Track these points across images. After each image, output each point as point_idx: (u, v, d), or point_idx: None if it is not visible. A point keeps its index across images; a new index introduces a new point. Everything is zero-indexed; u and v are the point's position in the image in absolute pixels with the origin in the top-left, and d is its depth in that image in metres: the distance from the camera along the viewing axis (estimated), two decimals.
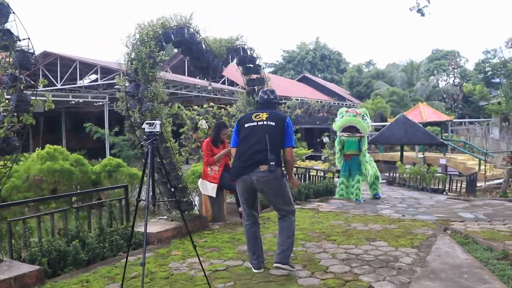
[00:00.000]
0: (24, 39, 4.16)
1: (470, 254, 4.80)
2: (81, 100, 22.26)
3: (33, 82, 4.42)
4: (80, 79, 22.26)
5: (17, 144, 4.15)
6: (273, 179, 4.22)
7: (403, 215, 7.43)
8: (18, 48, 4.14)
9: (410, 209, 8.52)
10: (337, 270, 4.41)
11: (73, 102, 23.21)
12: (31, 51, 4.15)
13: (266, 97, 4.58)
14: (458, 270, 4.31)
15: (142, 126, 3.69)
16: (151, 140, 3.55)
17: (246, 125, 4.42)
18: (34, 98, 4.17)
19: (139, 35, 5.65)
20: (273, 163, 4.13)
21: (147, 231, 5.65)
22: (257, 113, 4.48)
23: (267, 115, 4.38)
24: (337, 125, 10.26)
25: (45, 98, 5.15)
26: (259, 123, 4.35)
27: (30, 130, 24.20)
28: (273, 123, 4.31)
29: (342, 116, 10.20)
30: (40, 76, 21.31)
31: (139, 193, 3.74)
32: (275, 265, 4.31)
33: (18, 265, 4.39)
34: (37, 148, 7.46)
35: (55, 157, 6.73)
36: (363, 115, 10.13)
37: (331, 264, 4.61)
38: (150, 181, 3.64)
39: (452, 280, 4.03)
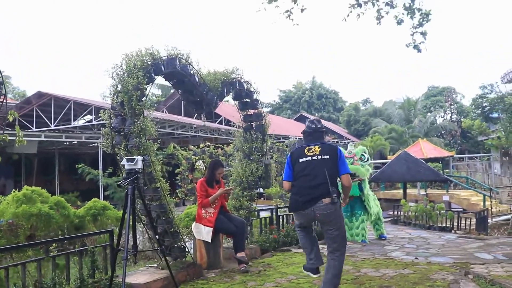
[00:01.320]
0: None
1: None
2: (75, 141, 21.80)
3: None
4: (74, 120, 21.85)
5: None
6: (334, 211, 4.34)
7: (416, 258, 6.82)
8: None
9: (420, 250, 7.92)
10: None
11: (67, 143, 22.76)
12: (0, 79, 3.69)
13: (314, 126, 4.70)
14: None
15: (122, 163, 3.16)
16: (131, 178, 3.01)
17: (300, 160, 4.52)
18: (1, 133, 3.64)
19: (125, 66, 5.23)
20: (335, 195, 4.30)
21: (134, 281, 5.09)
22: (309, 147, 4.56)
23: (319, 148, 4.50)
24: None
25: (39, 139, 4.63)
26: (313, 157, 4.47)
27: (23, 171, 23.80)
28: (327, 156, 4.45)
29: None
30: (34, 117, 21.04)
31: (118, 240, 3.19)
32: None
33: None
34: (13, 190, 6.88)
35: (32, 199, 6.17)
36: (362, 154, 9.53)
37: None
38: (131, 226, 3.08)
39: None
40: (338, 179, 4.57)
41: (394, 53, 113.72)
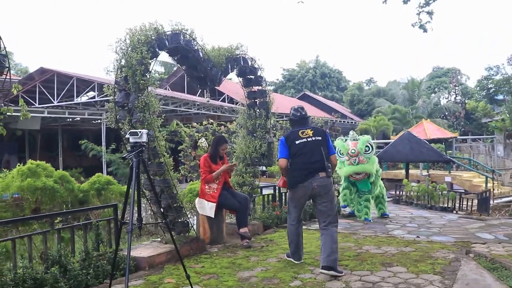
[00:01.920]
0: None
1: (504, 283, 4.23)
2: (78, 118, 21.80)
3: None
4: (77, 96, 21.79)
5: None
6: (329, 184, 4.93)
7: (418, 236, 6.85)
8: None
9: (421, 229, 7.94)
10: None
11: (70, 119, 22.75)
12: (4, 52, 3.65)
13: (299, 114, 5.23)
14: None
15: (127, 136, 3.15)
16: (136, 151, 3.00)
17: (297, 142, 5.02)
18: (5, 105, 3.62)
19: (129, 40, 5.17)
20: (330, 170, 4.94)
21: (138, 255, 5.16)
22: (302, 130, 5.10)
23: (312, 131, 5.07)
24: (342, 173, 9.23)
25: (42, 115, 4.62)
26: (308, 139, 5.02)
27: (27, 147, 23.88)
28: (319, 138, 5.03)
29: (342, 153, 9.08)
30: (37, 93, 21.00)
31: (123, 213, 3.20)
32: (321, 270, 4.67)
33: None
34: (18, 164, 6.89)
35: (37, 173, 6.18)
36: (366, 146, 9.00)
37: None
38: (136, 199, 3.09)
39: None
40: None
41: (399, 33, 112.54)
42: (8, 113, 3.65)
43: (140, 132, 3.06)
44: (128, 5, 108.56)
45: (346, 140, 9.29)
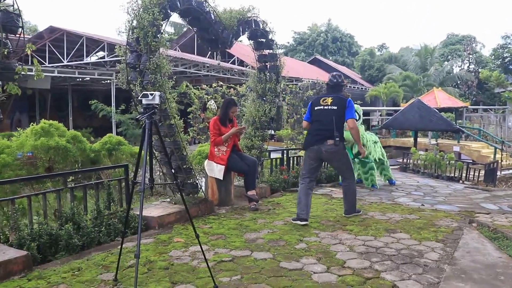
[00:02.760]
0: None
1: (504, 252, 4.32)
2: (88, 77, 21.81)
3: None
4: (87, 56, 21.72)
5: (1, 116, 3.69)
6: (337, 151, 5.41)
7: (423, 205, 6.94)
8: (1, 8, 3.65)
9: (427, 197, 8.03)
10: (355, 265, 3.96)
11: (79, 79, 22.77)
12: (17, 11, 3.66)
13: (335, 80, 5.65)
14: (492, 270, 3.83)
15: (139, 97, 3.19)
16: (148, 113, 3.06)
17: (316, 108, 5.56)
18: (20, 65, 3.66)
19: (141, 1, 5.13)
20: (338, 138, 5.32)
21: (148, 214, 5.30)
22: (324, 98, 5.56)
23: (331, 100, 5.47)
24: None
25: (52, 74, 4.65)
26: (325, 107, 5.47)
27: (37, 107, 24.05)
28: (335, 107, 5.41)
29: None
30: (47, 53, 20.96)
31: (135, 174, 3.29)
32: (344, 215, 5.75)
33: (5, 249, 3.98)
34: (31, 124, 7.00)
35: (50, 133, 6.27)
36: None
37: (348, 258, 4.16)
38: (148, 160, 3.16)
39: (487, 282, 3.56)
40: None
41: None
42: (22, 72, 3.69)
43: (152, 94, 3.10)
44: None
45: None
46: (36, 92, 23.16)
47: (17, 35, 3.80)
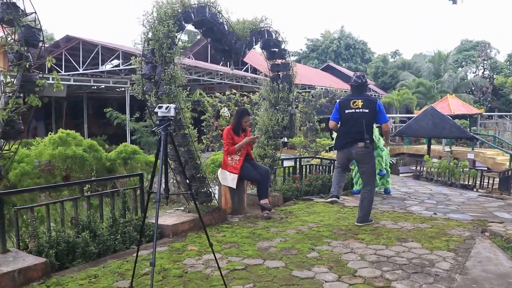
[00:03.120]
0: (30, 14, 3.81)
1: None
2: (103, 85, 22.13)
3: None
4: (102, 64, 22.07)
5: (22, 127, 3.82)
6: (366, 153, 5.64)
7: (435, 213, 6.94)
8: (24, 24, 3.79)
9: (439, 206, 8.02)
10: (366, 274, 4.00)
11: (95, 87, 23.10)
12: (38, 26, 3.80)
13: (360, 81, 5.76)
14: (504, 280, 3.85)
15: (155, 110, 3.30)
16: (164, 125, 3.16)
17: (346, 111, 5.67)
18: (41, 78, 3.79)
19: (156, 13, 5.26)
20: (368, 141, 5.53)
21: (163, 222, 5.39)
22: (353, 100, 5.66)
23: (362, 103, 5.59)
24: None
25: (68, 83, 4.81)
26: (356, 110, 5.60)
27: (53, 114, 24.43)
28: (367, 110, 5.57)
29: None
30: (63, 61, 21.33)
31: (151, 183, 3.39)
32: (356, 223, 5.83)
33: (24, 256, 4.11)
34: (49, 133, 7.18)
35: (67, 142, 6.43)
36: None
37: (359, 266, 4.20)
38: (163, 171, 3.26)
39: None
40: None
41: (427, 3, 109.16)
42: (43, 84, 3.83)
43: (168, 106, 3.20)
44: None
45: None
46: (52, 100, 23.54)
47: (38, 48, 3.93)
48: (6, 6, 3.66)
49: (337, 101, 6.01)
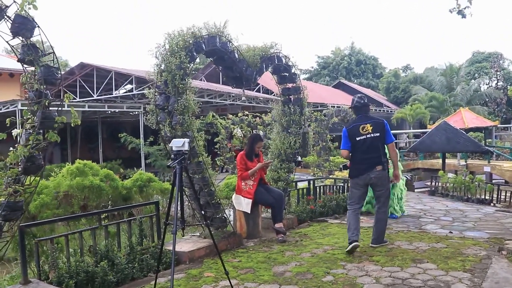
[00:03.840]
0: (49, 53, 3.99)
1: None
2: (117, 110, 22.53)
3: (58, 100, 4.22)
4: (115, 90, 22.49)
5: (42, 162, 3.97)
6: (384, 175, 5.71)
7: (451, 232, 6.91)
8: (43, 63, 3.97)
9: (456, 223, 7.97)
10: None
11: (109, 112, 23.51)
12: (56, 65, 3.97)
13: (362, 102, 5.85)
14: None
15: (170, 145, 3.42)
16: (179, 159, 3.27)
17: (357, 138, 5.65)
18: (58, 113, 3.94)
19: (168, 46, 5.43)
20: (385, 163, 5.68)
21: (179, 249, 5.47)
22: (362, 125, 5.67)
23: (371, 127, 5.64)
24: None
25: (83, 109, 4.97)
26: (367, 135, 5.63)
27: (68, 139, 24.86)
28: (378, 134, 5.63)
29: None
30: (78, 88, 21.79)
31: (167, 215, 3.49)
32: (371, 245, 5.86)
33: (45, 287, 4.22)
34: (67, 163, 7.37)
35: (84, 172, 6.61)
36: None
37: None
38: (179, 203, 3.37)
39: None
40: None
41: (437, 18, 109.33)
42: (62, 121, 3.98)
43: (183, 141, 3.32)
44: (161, 2, 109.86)
45: None
46: (67, 126, 23.96)
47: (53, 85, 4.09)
48: (27, 48, 3.84)
49: (344, 127, 5.89)
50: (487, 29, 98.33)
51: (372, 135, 5.61)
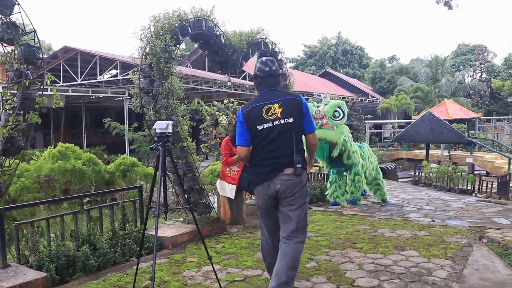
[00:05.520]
0: (30, 32, 3.88)
1: None
2: (101, 95, 22.21)
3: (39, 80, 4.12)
4: (100, 74, 22.14)
5: (22, 144, 3.88)
6: (298, 183, 3.49)
7: (433, 220, 6.98)
8: (23, 42, 3.86)
9: (438, 212, 8.06)
10: (364, 283, 4.04)
11: (93, 97, 23.19)
12: (37, 45, 3.87)
13: (268, 69, 3.66)
14: None
15: (153, 127, 3.36)
16: (162, 141, 3.22)
17: (259, 127, 3.54)
18: (40, 95, 3.85)
19: (153, 28, 5.35)
20: (300, 165, 3.47)
21: (162, 234, 5.44)
22: (267, 106, 3.55)
23: (281, 109, 3.53)
24: None
25: (66, 94, 4.87)
26: (275, 122, 3.51)
27: (51, 124, 24.49)
28: (291, 119, 3.53)
29: None
30: (61, 72, 21.42)
31: (150, 198, 3.44)
32: None
33: (25, 271, 4.16)
34: (49, 146, 7.24)
35: (67, 155, 6.49)
36: (335, 111, 7.74)
37: (357, 276, 4.24)
38: (162, 187, 3.31)
39: None
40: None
41: (423, 9, 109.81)
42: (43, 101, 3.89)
43: (166, 123, 3.26)
44: None
45: (318, 106, 8.05)
46: (50, 110, 23.61)
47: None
48: (6, 26, 3.73)
49: (240, 109, 3.71)
50: (473, 22, 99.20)
51: (281, 121, 3.53)
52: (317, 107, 7.91)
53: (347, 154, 8.18)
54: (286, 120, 3.52)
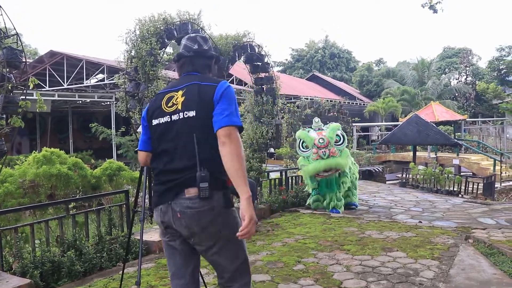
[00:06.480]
0: (12, 35, 3.83)
1: (498, 268, 4.40)
2: (88, 100, 22.05)
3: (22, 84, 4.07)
4: (86, 79, 22.00)
5: (5, 148, 3.82)
6: (207, 212, 2.35)
7: (420, 221, 7.02)
8: (5, 45, 3.81)
9: (425, 213, 8.12)
10: (352, 285, 4.05)
11: (80, 102, 23.01)
12: (20, 48, 3.82)
13: (196, 47, 2.58)
14: (487, 287, 3.92)
15: (138, 130, 3.33)
16: None
17: (154, 122, 2.52)
18: (24, 100, 3.80)
19: (139, 31, 5.33)
20: (205, 184, 2.30)
21: (149, 239, 5.39)
22: (170, 94, 2.50)
23: (183, 98, 2.43)
24: (308, 171, 7.57)
25: (52, 98, 4.81)
26: (173, 117, 2.43)
27: (38, 129, 24.23)
28: (192, 113, 2.38)
29: (305, 146, 7.72)
30: (47, 76, 21.23)
31: (135, 202, 3.41)
32: None
33: (8, 278, 4.08)
34: (33, 151, 7.16)
35: (52, 160, 6.42)
36: (337, 135, 7.77)
37: (345, 278, 4.24)
38: (148, 189, 3.27)
39: None
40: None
41: (409, 12, 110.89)
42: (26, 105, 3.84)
43: None
44: None
45: (309, 131, 7.97)
46: (36, 115, 23.35)
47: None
48: None
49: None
50: (458, 25, 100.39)
51: (180, 115, 2.41)
52: (317, 131, 7.80)
53: (344, 177, 8.01)
54: (186, 114, 2.39)
